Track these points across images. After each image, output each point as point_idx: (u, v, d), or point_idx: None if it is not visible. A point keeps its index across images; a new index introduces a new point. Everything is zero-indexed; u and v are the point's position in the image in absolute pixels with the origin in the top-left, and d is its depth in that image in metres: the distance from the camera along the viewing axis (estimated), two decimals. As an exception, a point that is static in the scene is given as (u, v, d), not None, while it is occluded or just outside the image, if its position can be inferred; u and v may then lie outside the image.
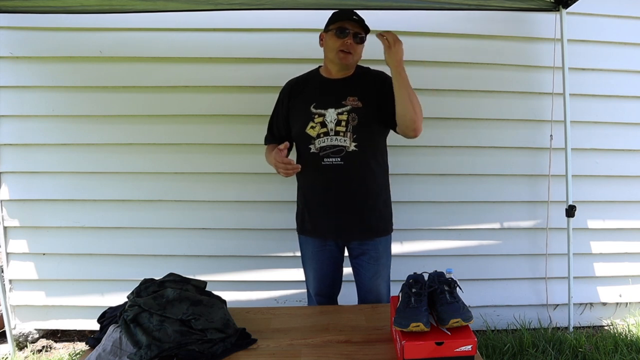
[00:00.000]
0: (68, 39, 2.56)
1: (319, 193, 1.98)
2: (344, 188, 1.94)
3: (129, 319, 1.49)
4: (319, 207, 2.00)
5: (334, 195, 1.95)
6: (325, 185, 1.95)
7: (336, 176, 1.92)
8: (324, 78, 2.01)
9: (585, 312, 2.88)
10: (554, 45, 2.61)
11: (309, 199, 2.03)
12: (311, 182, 2.01)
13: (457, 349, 1.35)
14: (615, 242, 2.83)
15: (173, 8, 2.42)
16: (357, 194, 1.95)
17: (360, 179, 1.94)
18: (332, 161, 1.90)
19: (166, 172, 2.67)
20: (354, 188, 1.94)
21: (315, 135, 1.91)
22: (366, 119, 1.91)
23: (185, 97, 2.62)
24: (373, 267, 2.03)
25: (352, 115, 1.90)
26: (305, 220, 2.06)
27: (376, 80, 1.99)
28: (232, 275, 2.76)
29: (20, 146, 2.63)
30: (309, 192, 2.03)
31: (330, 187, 1.94)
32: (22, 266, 2.72)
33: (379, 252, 2.03)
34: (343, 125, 1.90)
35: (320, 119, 1.91)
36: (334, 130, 1.90)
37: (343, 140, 1.89)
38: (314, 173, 1.96)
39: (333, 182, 1.93)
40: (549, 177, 2.73)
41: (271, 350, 1.56)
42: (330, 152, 1.90)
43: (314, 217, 2.02)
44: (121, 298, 1.69)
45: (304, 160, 1.98)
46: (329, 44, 1.93)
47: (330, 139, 1.90)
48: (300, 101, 1.98)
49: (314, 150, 1.92)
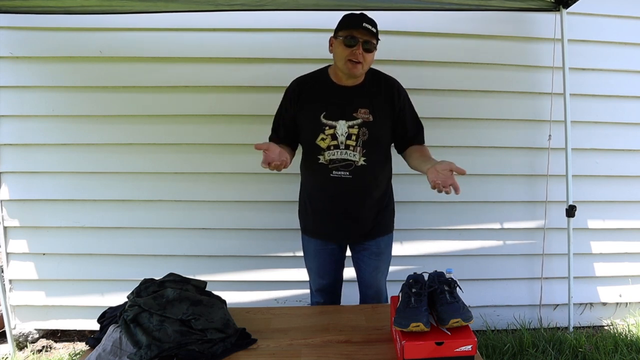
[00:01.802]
0: (68, 39, 2.55)
1: (325, 201, 1.98)
2: (349, 199, 1.94)
3: (129, 319, 1.49)
4: (323, 213, 2.01)
5: (339, 205, 1.96)
6: (331, 195, 1.95)
7: (343, 188, 1.91)
8: (334, 84, 1.92)
9: (585, 312, 2.88)
10: (554, 45, 2.60)
11: (314, 205, 2.03)
12: (317, 189, 2.01)
13: (457, 349, 1.35)
14: (615, 242, 2.83)
15: (173, 9, 2.42)
16: (363, 204, 1.96)
17: (367, 190, 1.95)
18: (341, 174, 1.89)
19: (166, 172, 2.67)
20: (360, 199, 1.95)
21: (326, 147, 1.88)
22: (376, 134, 1.89)
23: (185, 97, 2.62)
24: (374, 262, 2.06)
25: (363, 130, 1.86)
26: (308, 222, 2.08)
27: (389, 92, 1.92)
28: (232, 275, 2.76)
29: (20, 146, 2.63)
30: (313, 197, 2.03)
31: (337, 197, 1.94)
32: (22, 266, 2.71)
33: (380, 248, 2.05)
34: (353, 139, 1.87)
35: (331, 131, 1.87)
36: (344, 144, 1.87)
37: (353, 155, 1.88)
38: (321, 182, 1.96)
39: (340, 193, 1.93)
40: (547, 177, 2.73)
41: (271, 350, 1.56)
42: (340, 166, 1.89)
43: (318, 221, 2.04)
44: (121, 298, 1.69)
45: (311, 168, 1.97)
46: (337, 51, 1.84)
47: (340, 152, 1.88)
48: (309, 105, 1.92)
49: (323, 161, 1.90)
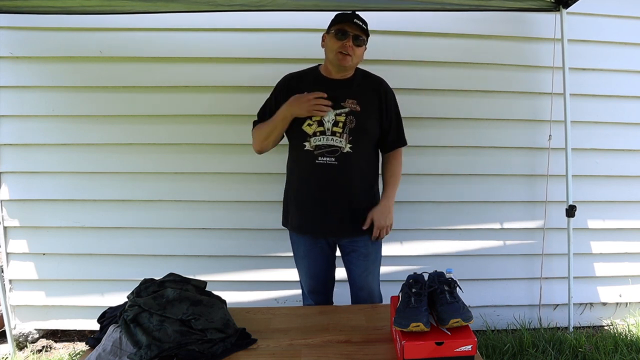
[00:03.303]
0: (68, 39, 2.55)
1: (311, 190, 1.98)
2: (335, 187, 1.94)
3: (129, 319, 1.49)
4: (309, 203, 2.00)
5: (325, 193, 1.95)
6: (317, 183, 1.95)
7: (329, 175, 1.93)
8: (324, 77, 2.01)
9: (585, 312, 2.88)
10: (554, 45, 2.60)
11: (299, 195, 2.03)
12: (303, 178, 2.01)
13: (457, 349, 1.35)
14: (615, 242, 2.82)
15: (173, 9, 2.42)
16: (348, 193, 1.97)
17: (352, 179, 1.96)
18: (327, 160, 1.91)
19: (166, 172, 2.67)
20: (346, 187, 1.96)
21: (312, 132, 1.92)
22: (363, 124, 1.93)
23: (185, 97, 2.62)
24: (363, 263, 2.06)
25: (350, 117, 1.91)
26: (293, 215, 2.07)
27: (377, 89, 2.02)
28: (232, 275, 2.75)
29: (20, 146, 2.63)
30: (299, 188, 2.03)
31: (323, 185, 1.95)
32: (22, 266, 2.71)
33: (368, 249, 2.05)
34: (340, 126, 1.91)
35: (317, 118, 1.91)
36: (331, 130, 1.91)
37: (339, 141, 1.91)
38: (306, 170, 1.97)
39: (325, 180, 1.94)
40: (547, 177, 2.73)
41: (271, 350, 1.56)
42: (325, 152, 1.91)
43: (304, 213, 2.03)
44: (121, 298, 1.69)
45: (297, 156, 1.99)
46: (329, 45, 1.95)
47: (327, 139, 1.91)
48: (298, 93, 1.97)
49: (309, 147, 1.92)
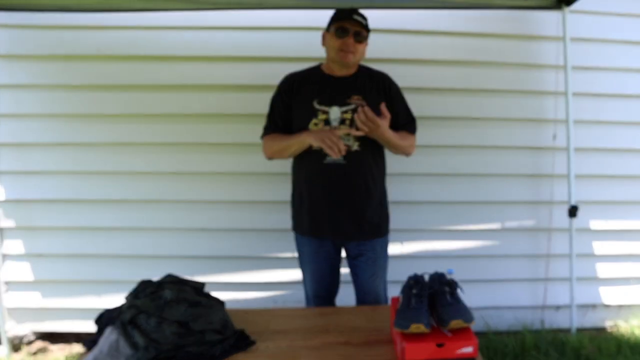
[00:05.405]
0: (65, 38, 2.54)
1: (319, 191, 1.95)
2: (344, 187, 1.91)
3: (126, 321, 1.48)
4: (318, 205, 1.97)
5: (334, 194, 1.92)
6: (325, 183, 1.92)
7: (338, 175, 1.90)
8: (326, 75, 1.99)
9: (588, 314, 2.85)
10: (557, 43, 2.59)
11: (307, 197, 2.00)
12: (311, 179, 1.97)
13: (458, 350, 1.34)
14: (619, 243, 2.80)
15: (172, 7, 2.41)
16: (357, 193, 1.93)
17: (361, 179, 1.93)
18: (335, 160, 1.87)
19: (164, 172, 2.65)
20: (355, 188, 1.92)
21: None
22: None
23: (183, 96, 2.60)
24: (371, 268, 2.02)
25: None
26: (302, 218, 2.03)
27: (381, 84, 1.99)
28: (230, 276, 2.73)
29: (16, 146, 2.61)
30: (307, 189, 2.00)
31: (331, 186, 1.92)
32: (18, 267, 2.69)
33: (376, 253, 2.02)
34: (347, 123, 1.88)
35: (324, 116, 1.88)
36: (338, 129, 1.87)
37: (347, 139, 1.87)
38: (314, 172, 1.94)
39: (334, 181, 1.91)
40: (552, 177, 2.71)
41: (270, 351, 1.54)
42: None
43: (312, 215, 1.99)
44: (118, 299, 1.67)
45: (304, 159, 1.96)
46: (330, 43, 1.92)
47: None
48: (302, 93, 1.96)
49: (316, 147, 1.88)
